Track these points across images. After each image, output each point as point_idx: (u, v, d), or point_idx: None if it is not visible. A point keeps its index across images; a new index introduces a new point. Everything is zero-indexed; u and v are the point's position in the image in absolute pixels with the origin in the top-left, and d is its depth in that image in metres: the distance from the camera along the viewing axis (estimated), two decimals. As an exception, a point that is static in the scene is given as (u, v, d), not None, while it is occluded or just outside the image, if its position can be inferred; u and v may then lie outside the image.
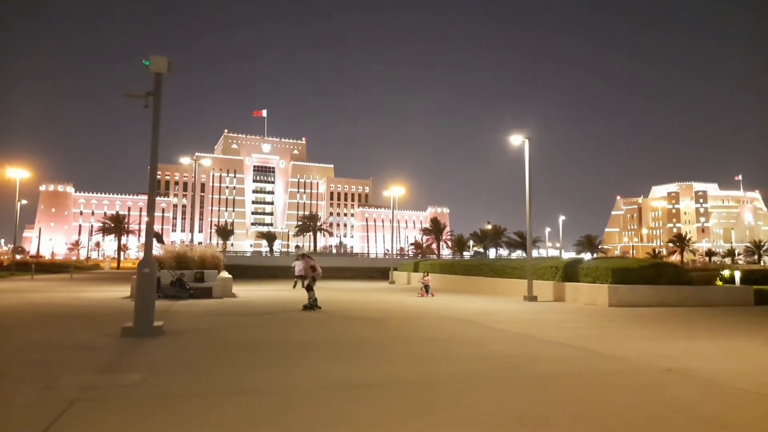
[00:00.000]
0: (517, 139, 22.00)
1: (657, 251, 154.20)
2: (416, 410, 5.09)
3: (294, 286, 25.55)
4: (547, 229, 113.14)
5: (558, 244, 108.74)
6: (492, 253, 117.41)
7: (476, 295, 23.76)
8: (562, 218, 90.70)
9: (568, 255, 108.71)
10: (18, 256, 51.75)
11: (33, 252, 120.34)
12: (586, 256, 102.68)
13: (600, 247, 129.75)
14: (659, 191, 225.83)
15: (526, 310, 16.37)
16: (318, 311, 15.02)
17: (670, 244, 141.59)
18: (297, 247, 17.14)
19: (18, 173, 40.37)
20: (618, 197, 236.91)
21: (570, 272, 20.18)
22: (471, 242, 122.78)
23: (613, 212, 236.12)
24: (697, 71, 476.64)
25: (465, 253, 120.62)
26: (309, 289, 15.56)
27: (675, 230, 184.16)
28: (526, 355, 8.16)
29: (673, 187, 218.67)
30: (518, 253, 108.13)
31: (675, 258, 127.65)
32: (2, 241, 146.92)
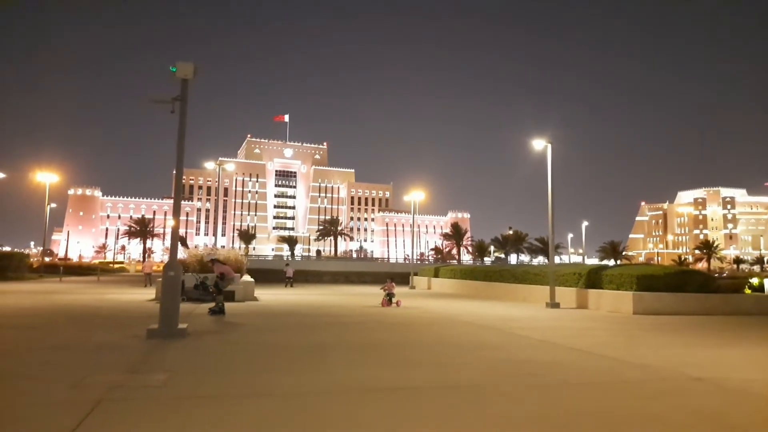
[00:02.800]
0: (539, 144, 21.85)
1: (683, 258, 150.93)
2: (436, 415, 5.08)
3: (286, 286, 33.81)
4: (570, 235, 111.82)
5: (580, 251, 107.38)
6: (513, 259, 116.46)
7: (497, 301, 23.58)
8: (585, 224, 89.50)
9: (591, 261, 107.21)
10: (47, 259, 52.99)
11: (61, 254, 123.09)
12: (610, 262, 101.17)
13: (624, 253, 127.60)
14: (685, 197, 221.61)
15: (548, 316, 16.19)
16: (223, 317, 14.33)
17: (697, 251, 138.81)
18: (210, 253, 16.81)
19: (47, 177, 41.40)
20: (642, 203, 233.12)
21: (593, 279, 19.90)
22: (492, 248, 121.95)
23: (637, 218, 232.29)
24: (725, 75, 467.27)
25: (486, 258, 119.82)
26: (218, 293, 14.98)
27: (702, 237, 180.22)
28: (549, 362, 8.07)
29: (699, 192, 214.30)
30: (540, 260, 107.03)
31: (702, 265, 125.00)
32: (32, 243, 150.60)
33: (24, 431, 4.42)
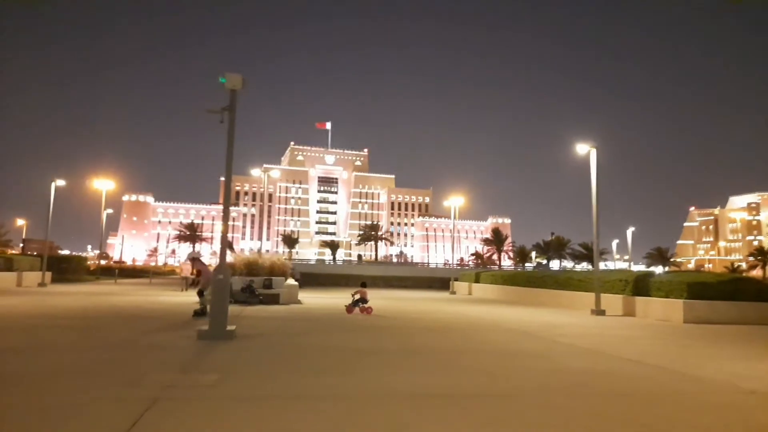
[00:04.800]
0: (583, 149, 21.45)
1: (736, 265, 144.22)
2: (481, 423, 5.09)
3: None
4: (615, 241, 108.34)
5: (626, 257, 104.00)
6: (555, 264, 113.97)
7: (539, 307, 23.20)
8: (631, 230, 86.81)
9: (638, 268, 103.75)
10: (103, 262, 55.36)
11: (116, 258, 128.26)
12: (657, 269, 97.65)
13: (672, 260, 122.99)
14: (738, 202, 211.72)
15: (593, 324, 15.84)
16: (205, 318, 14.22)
17: (751, 258, 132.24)
18: (191, 252, 16.52)
19: (104, 185, 43.28)
20: (692, 208, 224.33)
21: (641, 286, 19.34)
22: (533, 253, 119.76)
23: (686, 224, 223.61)
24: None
25: (527, 264, 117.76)
26: (200, 294, 14.96)
27: (756, 243, 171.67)
28: (596, 371, 7.93)
29: (753, 197, 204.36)
30: (583, 266, 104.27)
31: (756, 273, 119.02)
32: (89, 247, 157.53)
33: (86, 426, 4.68)
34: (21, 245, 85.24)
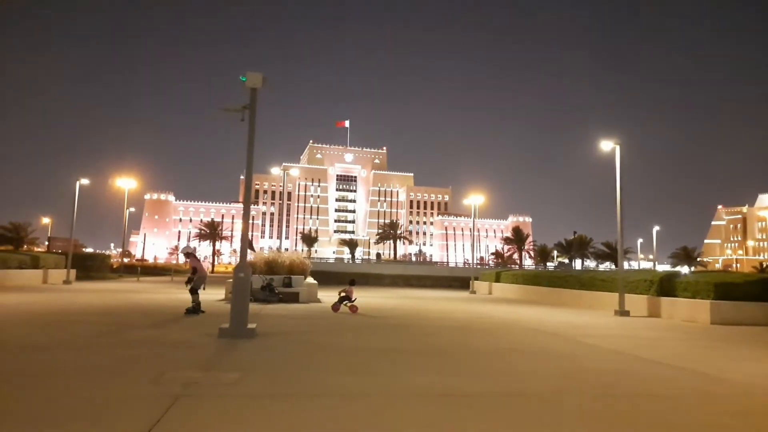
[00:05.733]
0: (607, 146, 21.10)
1: (765, 265, 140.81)
2: (506, 423, 5.02)
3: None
4: (639, 240, 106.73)
5: (651, 256, 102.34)
6: (578, 264, 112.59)
7: (562, 307, 22.91)
8: (656, 229, 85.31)
9: (662, 268, 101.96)
10: (126, 260, 56.37)
11: (138, 256, 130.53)
12: (683, 269, 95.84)
13: (698, 259, 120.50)
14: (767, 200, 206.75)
15: (617, 325, 15.58)
16: (201, 315, 14.22)
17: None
18: (186, 247, 16.17)
19: (126, 183, 44.02)
20: (719, 207, 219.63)
21: (666, 286, 18.96)
22: (555, 253, 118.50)
23: (713, 222, 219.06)
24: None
25: (549, 263, 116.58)
26: (194, 292, 14.72)
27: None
28: (621, 373, 7.77)
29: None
30: (606, 265, 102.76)
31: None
32: (112, 245, 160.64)
33: (111, 422, 4.72)
34: (46, 243, 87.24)
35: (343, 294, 17.07)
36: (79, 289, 25.99)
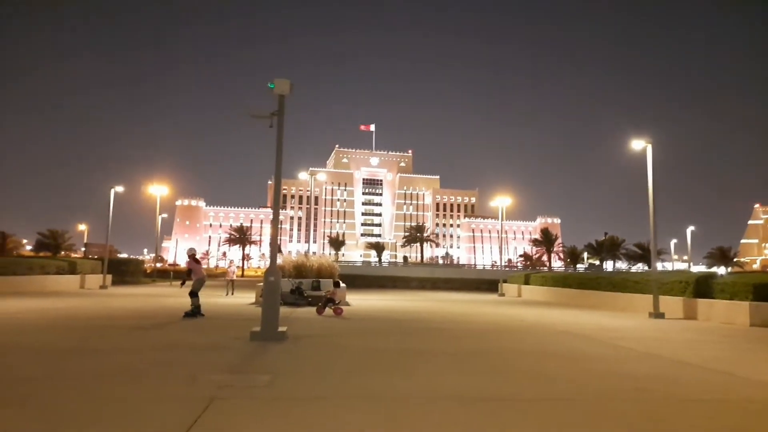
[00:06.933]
0: (638, 144, 20.70)
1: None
2: (538, 427, 4.95)
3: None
4: (673, 241, 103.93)
5: (685, 257, 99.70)
6: (609, 266, 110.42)
7: (593, 310, 22.51)
8: (690, 229, 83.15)
9: (697, 269, 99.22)
10: (158, 265, 57.63)
11: (171, 261, 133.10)
12: (719, 270, 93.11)
13: (735, 260, 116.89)
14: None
15: (652, 327, 15.23)
16: (195, 319, 14.26)
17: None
18: (189, 249, 16.18)
19: (158, 190, 44.98)
20: (756, 205, 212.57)
21: (702, 288, 18.47)
22: (585, 254, 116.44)
23: (750, 222, 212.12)
24: None
25: (579, 265, 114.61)
26: (193, 295, 14.77)
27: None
28: (657, 376, 7.60)
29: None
30: (638, 267, 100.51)
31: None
32: (145, 250, 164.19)
33: (150, 423, 4.82)
34: (83, 249, 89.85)
35: (327, 296, 16.80)
36: (114, 294, 26.67)
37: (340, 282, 18.03)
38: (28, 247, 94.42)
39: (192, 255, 15.51)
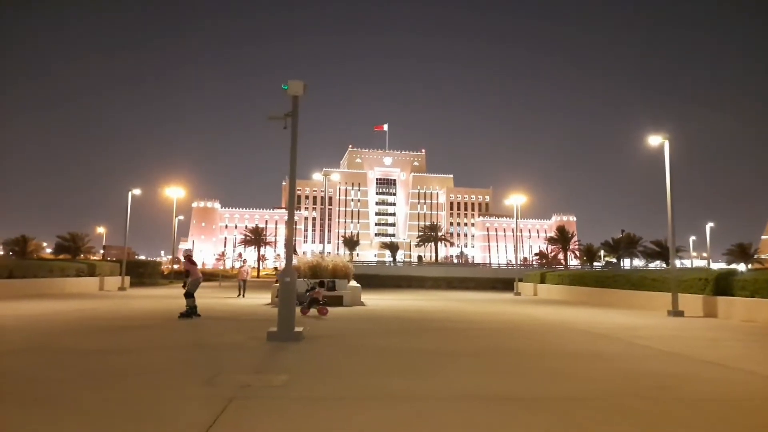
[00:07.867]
0: (655, 140, 20.43)
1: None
2: (557, 426, 4.91)
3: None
4: (692, 238, 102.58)
5: (704, 254, 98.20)
6: (626, 263, 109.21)
7: (610, 308, 22.28)
8: (709, 225, 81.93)
9: (717, 266, 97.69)
10: (175, 266, 58.23)
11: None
12: (739, 267, 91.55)
13: (756, 257, 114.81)
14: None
15: (671, 325, 15.04)
16: (191, 319, 14.40)
17: None
18: (186, 250, 16.25)
19: (175, 192, 45.48)
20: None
21: (722, 285, 18.18)
22: (602, 252, 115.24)
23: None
24: None
25: (595, 263, 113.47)
26: (188, 296, 14.86)
27: None
28: (678, 375, 7.50)
29: None
30: (656, 264, 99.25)
31: None
32: (162, 252, 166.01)
33: (168, 423, 4.88)
34: (101, 251, 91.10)
35: (312, 296, 16.65)
36: (132, 296, 27.01)
37: (326, 281, 18.16)
38: (48, 250, 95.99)
39: (188, 256, 15.68)
